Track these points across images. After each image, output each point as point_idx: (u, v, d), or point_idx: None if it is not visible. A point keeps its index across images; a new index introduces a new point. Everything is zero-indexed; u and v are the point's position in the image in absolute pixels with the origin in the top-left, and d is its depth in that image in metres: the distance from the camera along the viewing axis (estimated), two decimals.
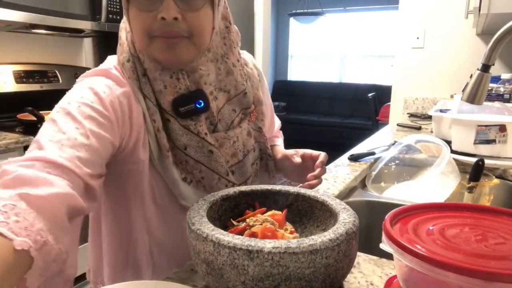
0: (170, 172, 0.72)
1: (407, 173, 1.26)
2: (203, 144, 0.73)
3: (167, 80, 0.70)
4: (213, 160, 0.74)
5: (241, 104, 0.80)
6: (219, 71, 0.76)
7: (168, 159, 0.71)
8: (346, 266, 0.52)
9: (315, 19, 5.59)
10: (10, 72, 2.12)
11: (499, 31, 0.87)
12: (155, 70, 0.70)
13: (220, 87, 0.76)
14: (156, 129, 0.70)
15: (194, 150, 0.73)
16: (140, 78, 0.70)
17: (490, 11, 1.53)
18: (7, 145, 1.63)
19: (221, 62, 0.76)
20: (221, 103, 0.77)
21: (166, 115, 0.71)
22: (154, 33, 0.66)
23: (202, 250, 0.50)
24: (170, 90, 0.70)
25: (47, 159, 0.54)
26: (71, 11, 2.04)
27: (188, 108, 0.71)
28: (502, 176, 1.27)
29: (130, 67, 0.70)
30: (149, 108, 0.70)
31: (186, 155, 0.73)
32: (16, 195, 0.47)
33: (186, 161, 0.73)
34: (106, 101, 0.64)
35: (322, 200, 0.64)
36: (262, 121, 0.87)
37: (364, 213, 1.05)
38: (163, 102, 0.71)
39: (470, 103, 0.96)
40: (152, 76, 0.70)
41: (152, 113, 0.70)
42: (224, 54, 0.76)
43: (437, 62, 2.55)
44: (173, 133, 0.71)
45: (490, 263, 0.41)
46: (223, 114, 0.77)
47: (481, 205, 0.57)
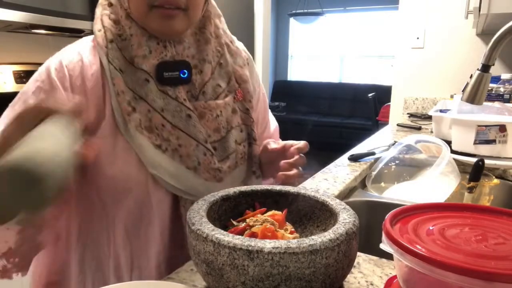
0: (135, 138, 0.69)
1: (407, 173, 1.26)
2: (181, 109, 0.71)
3: (153, 46, 0.71)
4: (191, 125, 0.72)
5: (222, 77, 0.79)
6: (199, 42, 0.77)
7: (130, 123, 0.68)
8: (346, 266, 0.52)
9: (315, 19, 5.60)
10: (10, 72, 2.12)
11: (499, 31, 0.87)
12: (142, 36, 0.71)
13: (203, 58, 0.76)
14: (116, 93, 0.68)
15: (171, 114, 0.71)
16: (108, 44, 0.70)
17: (490, 11, 1.53)
18: None
19: (199, 34, 0.77)
20: (207, 76, 0.76)
21: (145, 75, 0.70)
22: (154, 2, 0.67)
23: (202, 250, 0.50)
24: (155, 55, 0.71)
25: None
26: (71, 11, 2.05)
27: (172, 75, 0.71)
28: (502, 176, 1.27)
29: (101, 35, 0.72)
30: (111, 72, 0.69)
31: (163, 118, 0.70)
32: None
33: (162, 126, 0.70)
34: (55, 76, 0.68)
35: (322, 200, 0.64)
36: (249, 102, 0.83)
37: (364, 213, 1.05)
38: (145, 65, 0.70)
39: (470, 103, 0.96)
40: (137, 41, 0.71)
41: (113, 76, 0.69)
42: (202, 25, 0.77)
43: (437, 62, 2.55)
44: (151, 94, 0.70)
45: (490, 263, 0.41)
46: (207, 88, 0.76)
47: (481, 205, 0.57)
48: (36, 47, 2.34)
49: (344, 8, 6.10)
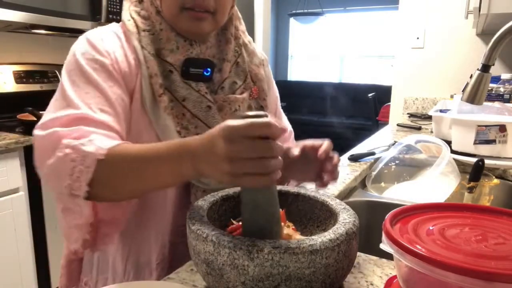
0: (162, 119, 0.72)
1: (407, 173, 1.26)
2: (202, 100, 0.74)
3: (181, 42, 0.75)
4: (210, 115, 0.75)
5: (238, 75, 0.82)
6: (219, 43, 0.81)
7: (160, 104, 0.71)
8: (346, 266, 0.52)
9: (315, 19, 5.60)
10: (10, 72, 2.12)
11: (499, 31, 0.87)
12: (171, 31, 0.75)
13: (223, 57, 0.80)
14: (149, 75, 0.72)
15: (192, 103, 0.74)
16: (140, 32, 0.74)
17: (490, 11, 1.53)
18: (7, 145, 1.63)
19: (221, 35, 0.81)
20: (226, 74, 0.80)
21: (169, 67, 0.73)
22: (186, 4, 0.71)
23: (202, 250, 0.50)
24: (182, 51, 0.75)
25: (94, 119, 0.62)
26: (71, 11, 2.04)
27: (197, 71, 0.75)
28: (502, 176, 1.27)
29: (131, 24, 0.75)
30: (145, 56, 0.72)
31: (184, 107, 0.73)
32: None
33: (183, 114, 0.73)
34: (105, 51, 0.69)
35: (322, 200, 0.64)
36: (264, 100, 0.86)
37: (364, 213, 1.05)
38: (170, 58, 0.74)
39: (470, 103, 0.96)
40: (166, 36, 0.74)
41: (147, 60, 0.72)
42: (224, 26, 0.81)
43: (437, 62, 2.55)
44: (174, 84, 0.73)
45: (490, 263, 0.41)
46: (226, 84, 0.80)
47: (481, 205, 0.57)
48: (36, 47, 2.34)
49: (344, 8, 6.10)
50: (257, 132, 0.46)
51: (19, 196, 1.72)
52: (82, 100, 0.64)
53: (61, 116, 0.62)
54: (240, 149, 0.46)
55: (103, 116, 0.63)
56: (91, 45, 0.69)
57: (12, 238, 1.71)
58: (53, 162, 0.58)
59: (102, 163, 0.56)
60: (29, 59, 2.29)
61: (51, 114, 0.64)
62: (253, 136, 0.46)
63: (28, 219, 1.77)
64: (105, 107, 0.65)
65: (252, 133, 0.46)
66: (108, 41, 0.71)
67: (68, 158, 0.57)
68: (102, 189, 0.58)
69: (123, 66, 0.70)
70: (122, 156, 0.57)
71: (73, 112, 0.62)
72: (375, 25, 5.95)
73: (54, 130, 0.60)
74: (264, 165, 0.47)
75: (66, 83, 0.66)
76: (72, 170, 0.57)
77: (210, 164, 0.50)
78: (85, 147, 0.57)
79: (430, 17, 2.52)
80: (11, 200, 1.69)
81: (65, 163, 0.57)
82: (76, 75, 0.67)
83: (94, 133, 0.60)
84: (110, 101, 0.66)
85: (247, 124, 0.46)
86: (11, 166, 1.68)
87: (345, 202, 0.63)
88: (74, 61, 0.68)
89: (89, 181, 0.56)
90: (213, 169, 0.49)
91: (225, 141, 0.47)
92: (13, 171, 1.68)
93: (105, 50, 0.69)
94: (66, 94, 0.65)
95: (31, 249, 1.81)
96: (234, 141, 0.46)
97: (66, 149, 0.57)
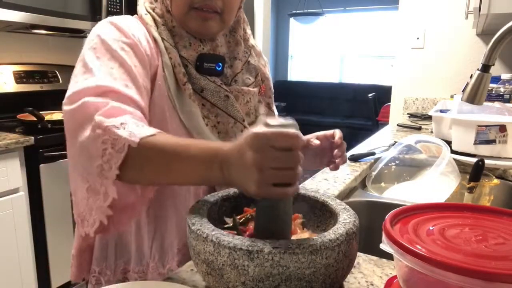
0: (187, 104, 0.74)
1: (407, 173, 1.26)
2: (219, 89, 0.77)
3: (192, 39, 0.78)
4: (229, 104, 0.78)
5: (250, 72, 0.86)
6: (229, 43, 0.84)
7: (185, 91, 0.74)
8: (346, 266, 0.52)
9: (315, 19, 5.60)
10: (10, 72, 2.12)
11: (499, 31, 0.87)
12: (183, 28, 0.77)
13: (234, 56, 0.83)
14: (173, 65, 0.74)
15: (210, 93, 0.77)
16: (159, 26, 0.76)
17: (490, 11, 1.53)
18: (7, 145, 1.63)
19: (230, 36, 0.84)
20: (237, 70, 0.83)
21: (184, 61, 0.76)
22: (195, 4, 0.73)
23: (202, 251, 0.50)
24: (194, 48, 0.77)
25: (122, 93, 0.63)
26: (71, 11, 2.05)
27: (210, 66, 0.78)
28: (502, 176, 1.27)
29: (149, 18, 0.77)
30: (166, 47, 0.75)
31: (203, 98, 0.76)
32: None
33: (202, 105, 0.76)
34: (131, 34, 0.70)
35: (322, 201, 0.64)
36: (270, 98, 0.92)
37: (364, 214, 1.05)
38: (184, 53, 0.76)
39: (470, 103, 0.96)
40: (179, 32, 0.77)
41: (169, 51, 0.74)
42: (232, 28, 0.84)
43: (437, 62, 2.55)
44: (191, 76, 0.76)
45: (490, 263, 0.41)
46: (238, 78, 0.82)
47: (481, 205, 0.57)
48: (36, 47, 2.34)
49: (344, 8, 6.10)
50: (284, 143, 0.47)
51: (19, 196, 1.72)
52: (109, 74, 0.64)
53: (88, 87, 0.62)
54: (267, 158, 0.47)
55: (129, 91, 0.64)
56: (116, 27, 0.70)
57: (12, 238, 1.71)
58: (84, 141, 0.58)
59: (134, 150, 0.56)
60: (29, 59, 2.29)
61: (77, 85, 0.63)
62: (280, 146, 0.47)
63: (28, 219, 1.77)
64: (130, 83, 0.66)
65: (279, 143, 0.47)
66: (132, 26, 0.73)
67: (100, 139, 0.57)
68: (131, 174, 0.59)
69: (147, 50, 0.72)
70: (154, 148, 0.57)
71: (100, 84, 0.62)
72: (375, 25, 5.95)
73: (84, 101, 0.60)
74: (291, 176, 0.48)
75: (90, 58, 0.66)
76: (103, 151, 0.57)
77: (240, 173, 0.50)
78: (118, 131, 0.57)
79: (430, 17, 2.52)
80: (11, 200, 1.69)
81: (97, 144, 0.57)
82: (100, 52, 0.67)
83: (126, 113, 0.60)
84: (135, 78, 0.67)
85: (275, 133, 0.47)
86: (11, 166, 1.68)
87: (345, 202, 0.63)
88: (99, 40, 0.68)
89: (119, 165, 0.57)
90: (242, 178, 0.50)
91: (252, 150, 0.48)
92: (13, 171, 1.68)
93: (132, 33, 0.70)
94: (90, 68, 0.65)
95: (31, 249, 1.81)
96: (261, 150, 0.47)
97: (98, 130, 0.57)
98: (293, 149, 0.47)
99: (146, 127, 0.60)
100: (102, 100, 0.60)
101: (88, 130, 0.58)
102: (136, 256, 0.77)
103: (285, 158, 0.47)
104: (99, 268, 0.79)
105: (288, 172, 0.48)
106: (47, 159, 1.78)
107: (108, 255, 0.78)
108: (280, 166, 0.47)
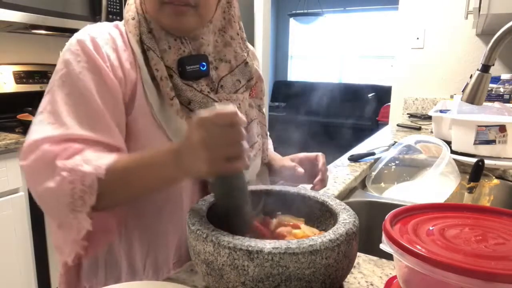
0: (173, 121, 0.71)
1: (407, 173, 1.26)
2: (207, 100, 0.74)
3: (172, 41, 0.73)
4: None
5: (244, 74, 0.82)
6: (216, 43, 0.79)
7: (172, 107, 0.71)
8: (346, 266, 0.52)
9: (315, 19, 5.60)
10: (10, 72, 2.12)
11: (499, 32, 0.87)
12: (161, 31, 0.73)
13: (220, 58, 0.79)
14: (159, 78, 0.71)
15: (198, 105, 0.74)
16: (143, 33, 0.72)
17: (490, 11, 1.53)
18: (7, 146, 1.63)
19: (218, 35, 0.79)
20: (222, 73, 0.79)
21: (169, 71, 0.72)
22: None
23: (202, 251, 0.50)
24: (174, 51, 0.73)
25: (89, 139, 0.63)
26: (71, 12, 2.04)
27: (193, 67, 0.74)
28: (502, 177, 1.27)
29: (134, 24, 0.73)
30: (152, 58, 0.71)
31: (190, 110, 0.73)
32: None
33: (190, 117, 0.72)
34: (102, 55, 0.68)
35: (322, 201, 0.64)
36: (261, 99, 0.89)
37: (364, 214, 1.05)
38: (167, 60, 0.72)
39: (470, 103, 0.96)
40: (157, 35, 0.73)
41: (155, 63, 0.71)
42: (222, 27, 0.79)
43: (437, 63, 2.55)
44: (177, 88, 0.72)
45: (490, 263, 0.41)
46: (226, 82, 0.79)
47: (481, 206, 0.57)
48: (36, 48, 2.34)
49: (344, 8, 6.10)
50: (226, 119, 0.51)
51: (19, 196, 1.72)
52: (75, 118, 0.64)
53: (51, 136, 0.62)
54: (213, 135, 0.51)
55: (94, 135, 0.64)
56: (84, 50, 0.67)
57: (12, 238, 1.71)
58: (51, 187, 0.59)
59: (102, 181, 0.59)
60: (29, 59, 2.28)
61: (40, 133, 0.63)
62: (223, 123, 0.51)
63: (28, 219, 1.77)
64: (98, 124, 0.65)
65: (221, 120, 0.51)
66: (105, 43, 0.69)
67: (66, 181, 0.59)
68: (104, 201, 0.61)
69: (118, 72, 0.68)
70: (118, 171, 0.60)
71: (65, 133, 0.62)
72: (375, 25, 5.94)
73: (45, 151, 0.60)
74: (237, 149, 0.52)
75: (59, 96, 0.65)
76: (72, 191, 0.59)
77: (190, 156, 0.54)
78: (83, 168, 0.59)
79: (430, 17, 2.52)
80: (11, 200, 1.69)
81: (63, 186, 0.59)
82: (68, 87, 0.65)
83: (86, 149, 0.62)
84: (103, 117, 0.65)
85: (216, 113, 0.51)
86: (11, 166, 1.68)
87: (345, 202, 0.63)
88: (66, 72, 0.66)
89: (95, 198, 0.59)
90: (193, 161, 0.53)
91: (198, 130, 0.52)
92: (13, 171, 1.68)
93: (104, 54, 0.67)
94: (57, 111, 0.64)
95: (31, 250, 1.81)
96: (206, 129, 0.52)
97: (62, 172, 0.59)
98: (234, 125, 0.52)
99: (106, 155, 0.62)
100: (64, 146, 0.61)
101: (53, 177, 0.59)
102: (128, 273, 0.76)
103: (228, 134, 0.51)
104: (89, 284, 0.78)
105: (234, 147, 0.52)
106: None
107: (98, 272, 0.77)
108: (226, 141, 0.52)
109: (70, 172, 0.58)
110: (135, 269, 0.76)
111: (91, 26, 0.73)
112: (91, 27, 0.72)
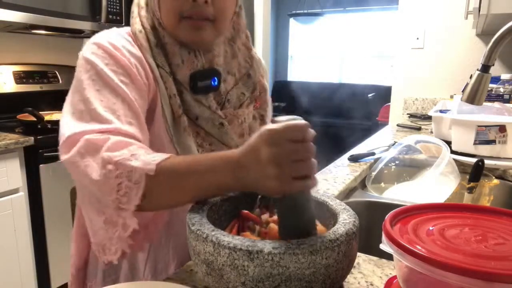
0: (183, 138, 0.72)
1: (407, 173, 1.26)
2: (214, 117, 0.75)
3: (185, 55, 0.73)
4: (224, 132, 0.76)
5: (248, 87, 0.82)
6: (226, 53, 0.79)
7: (181, 124, 0.72)
8: (346, 266, 0.52)
9: (315, 19, 5.60)
10: (10, 72, 2.12)
11: (499, 32, 0.87)
12: (175, 45, 0.73)
13: (228, 70, 0.80)
14: (169, 96, 0.71)
15: (205, 121, 0.74)
16: (153, 48, 0.72)
17: (490, 11, 1.53)
18: (7, 146, 1.63)
19: (227, 45, 0.80)
20: (229, 86, 0.79)
21: (180, 87, 0.72)
22: (184, 13, 0.69)
23: (202, 251, 0.50)
24: (188, 65, 0.73)
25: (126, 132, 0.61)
26: (71, 12, 2.04)
27: (205, 83, 0.74)
28: (502, 177, 1.27)
29: (143, 37, 0.72)
30: (162, 76, 0.71)
31: (197, 126, 0.74)
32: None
33: (197, 133, 0.74)
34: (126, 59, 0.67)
35: (322, 201, 0.64)
36: (264, 110, 0.88)
37: (364, 214, 1.05)
38: (178, 75, 0.73)
39: (470, 103, 0.96)
40: (171, 50, 0.73)
41: (165, 80, 0.71)
42: (231, 37, 0.80)
43: (437, 63, 2.55)
44: (185, 104, 0.73)
45: (490, 264, 0.41)
46: (232, 96, 0.79)
47: (481, 206, 0.57)
48: (36, 48, 2.34)
49: (344, 8, 6.09)
50: (298, 134, 0.47)
51: (19, 196, 1.72)
52: (111, 112, 0.62)
53: (91, 129, 0.59)
54: (285, 151, 0.47)
55: (133, 129, 0.62)
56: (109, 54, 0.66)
57: (12, 238, 1.71)
58: (96, 179, 0.56)
59: (151, 178, 0.55)
60: (29, 59, 2.29)
61: (78, 127, 0.60)
62: (294, 138, 0.47)
63: (28, 219, 1.77)
64: (134, 120, 0.63)
65: (293, 135, 0.47)
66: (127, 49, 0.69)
67: (112, 174, 0.55)
68: (150, 202, 0.57)
69: (143, 77, 0.68)
70: (169, 171, 0.56)
71: (103, 127, 0.60)
72: (375, 25, 5.94)
73: (89, 141, 0.57)
74: (309, 167, 0.48)
75: (90, 92, 0.63)
76: (119, 186, 0.55)
77: (256, 172, 0.50)
78: (131, 162, 0.55)
79: (430, 17, 2.52)
80: (11, 200, 1.69)
81: (109, 180, 0.55)
82: (99, 84, 0.64)
83: (131, 144, 0.58)
84: (138, 115, 0.65)
85: (287, 126, 0.47)
86: (11, 166, 1.68)
87: (345, 202, 0.63)
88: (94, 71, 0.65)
89: (141, 196, 0.56)
90: (260, 177, 0.49)
91: (268, 145, 0.48)
92: (13, 171, 1.68)
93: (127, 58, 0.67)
94: (93, 108, 0.62)
95: (31, 250, 1.81)
96: (277, 144, 0.47)
97: (108, 166, 0.55)
98: (306, 140, 0.48)
99: (156, 153, 0.58)
100: (102, 137, 0.58)
101: (97, 169, 0.56)
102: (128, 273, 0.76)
103: (301, 150, 0.47)
104: (90, 284, 0.79)
105: (305, 163, 0.48)
106: (47, 160, 1.78)
107: (98, 272, 0.78)
108: (297, 158, 0.47)
109: (117, 165, 0.55)
110: (135, 269, 0.76)
111: (107, 32, 0.72)
112: (107, 33, 0.71)
